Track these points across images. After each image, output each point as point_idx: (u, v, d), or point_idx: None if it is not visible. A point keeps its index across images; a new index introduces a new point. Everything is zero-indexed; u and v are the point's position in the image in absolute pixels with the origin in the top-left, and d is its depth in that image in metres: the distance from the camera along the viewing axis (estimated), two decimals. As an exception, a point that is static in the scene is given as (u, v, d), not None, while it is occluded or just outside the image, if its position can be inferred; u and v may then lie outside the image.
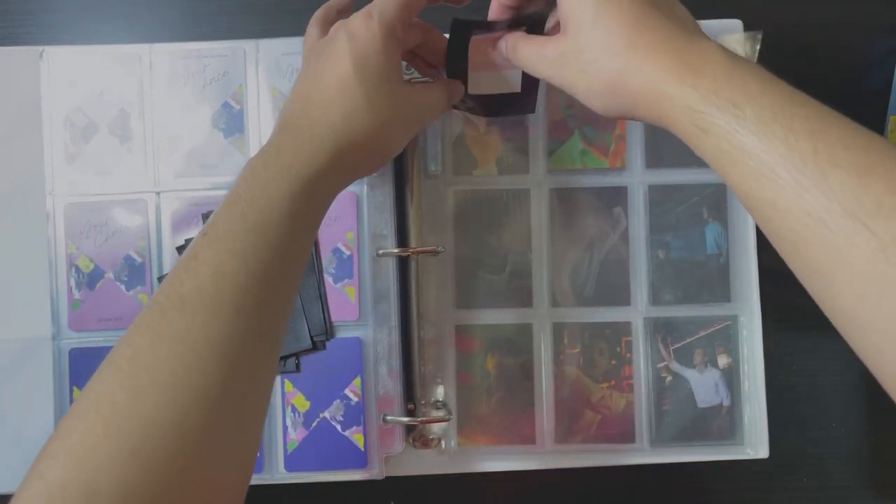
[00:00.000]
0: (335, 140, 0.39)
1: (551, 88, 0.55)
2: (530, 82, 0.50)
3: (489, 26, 0.47)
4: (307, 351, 0.53)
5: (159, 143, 0.54)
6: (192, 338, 0.33)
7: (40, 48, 0.54)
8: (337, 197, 0.43)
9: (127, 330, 0.34)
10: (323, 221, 0.52)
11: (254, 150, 0.54)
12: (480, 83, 0.50)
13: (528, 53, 0.43)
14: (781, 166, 0.32)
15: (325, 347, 0.53)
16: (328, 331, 0.53)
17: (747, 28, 0.55)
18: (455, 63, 0.48)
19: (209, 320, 0.33)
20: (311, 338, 0.53)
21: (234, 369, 0.33)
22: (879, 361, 0.31)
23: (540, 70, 0.42)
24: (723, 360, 0.55)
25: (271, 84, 0.53)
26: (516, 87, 0.50)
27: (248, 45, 0.54)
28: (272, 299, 0.36)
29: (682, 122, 0.36)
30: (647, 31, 0.37)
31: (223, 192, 0.52)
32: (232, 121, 0.54)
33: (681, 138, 0.37)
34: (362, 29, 0.40)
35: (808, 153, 0.31)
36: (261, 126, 0.54)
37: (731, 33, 0.55)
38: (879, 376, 0.32)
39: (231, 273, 0.34)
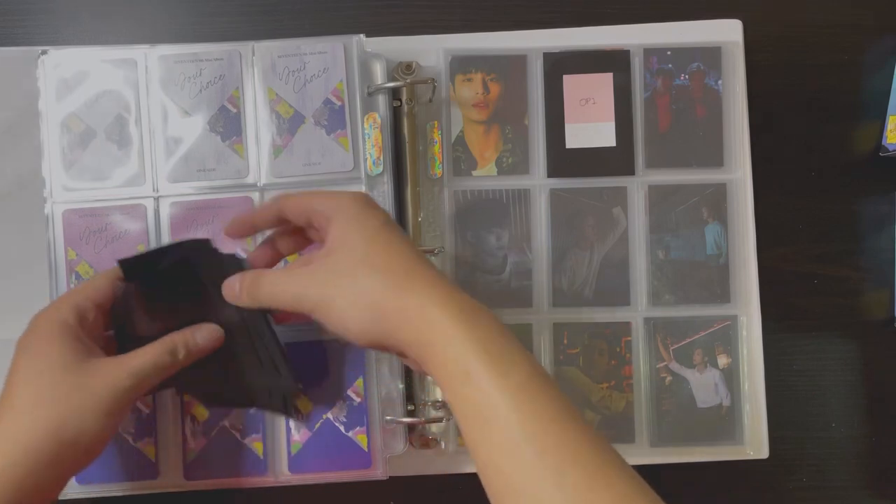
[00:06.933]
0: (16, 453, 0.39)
1: None
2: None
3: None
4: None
5: (157, 147, 0.53)
6: None
7: (40, 48, 0.54)
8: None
9: None
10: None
11: (252, 152, 0.54)
12: None
13: (281, 280, 0.43)
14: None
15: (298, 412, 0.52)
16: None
17: (746, 28, 0.55)
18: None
19: None
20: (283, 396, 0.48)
21: None
22: None
23: (302, 292, 0.41)
24: (722, 361, 0.55)
25: (267, 86, 0.53)
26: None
27: (243, 48, 0.53)
28: None
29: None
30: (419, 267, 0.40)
31: (221, 196, 0.53)
32: (229, 124, 0.53)
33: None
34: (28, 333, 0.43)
35: None
36: (258, 129, 0.54)
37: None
38: None
39: None
